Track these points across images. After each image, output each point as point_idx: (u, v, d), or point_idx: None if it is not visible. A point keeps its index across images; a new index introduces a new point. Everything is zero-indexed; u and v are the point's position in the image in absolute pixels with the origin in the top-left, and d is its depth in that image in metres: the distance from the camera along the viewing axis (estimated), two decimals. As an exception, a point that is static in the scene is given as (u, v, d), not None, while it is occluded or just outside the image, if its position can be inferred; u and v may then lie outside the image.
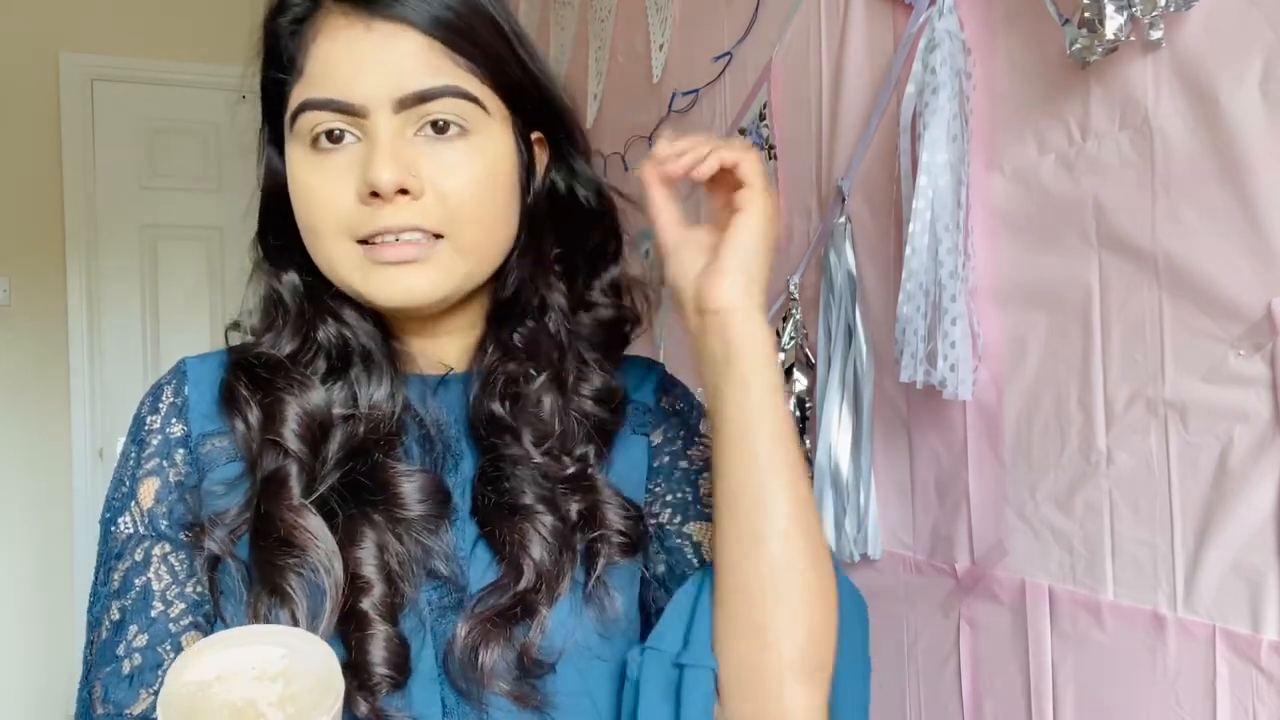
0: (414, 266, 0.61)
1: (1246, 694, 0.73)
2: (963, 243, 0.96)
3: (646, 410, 0.74)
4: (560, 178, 0.71)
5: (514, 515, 0.64)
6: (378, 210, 0.60)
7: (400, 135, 0.60)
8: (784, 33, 1.34)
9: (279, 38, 0.63)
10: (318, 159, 0.61)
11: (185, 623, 0.63)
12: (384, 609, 0.61)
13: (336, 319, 0.67)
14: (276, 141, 0.67)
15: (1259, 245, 0.71)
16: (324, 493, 0.63)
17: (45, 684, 3.20)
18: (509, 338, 0.68)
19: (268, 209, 0.69)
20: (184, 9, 3.33)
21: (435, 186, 0.61)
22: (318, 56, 0.61)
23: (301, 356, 0.67)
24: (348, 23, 0.60)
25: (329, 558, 0.60)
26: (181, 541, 0.64)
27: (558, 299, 0.70)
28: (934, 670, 1.08)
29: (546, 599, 0.62)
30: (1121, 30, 0.77)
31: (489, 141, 0.63)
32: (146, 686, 0.61)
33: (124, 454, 0.69)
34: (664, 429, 0.73)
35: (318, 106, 0.60)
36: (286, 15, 0.63)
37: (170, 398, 0.68)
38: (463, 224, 0.62)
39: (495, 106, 0.63)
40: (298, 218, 0.64)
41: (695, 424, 0.74)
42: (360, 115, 0.60)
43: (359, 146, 0.61)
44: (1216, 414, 0.75)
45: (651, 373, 0.77)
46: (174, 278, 3.39)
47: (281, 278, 0.68)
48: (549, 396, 0.67)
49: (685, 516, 0.70)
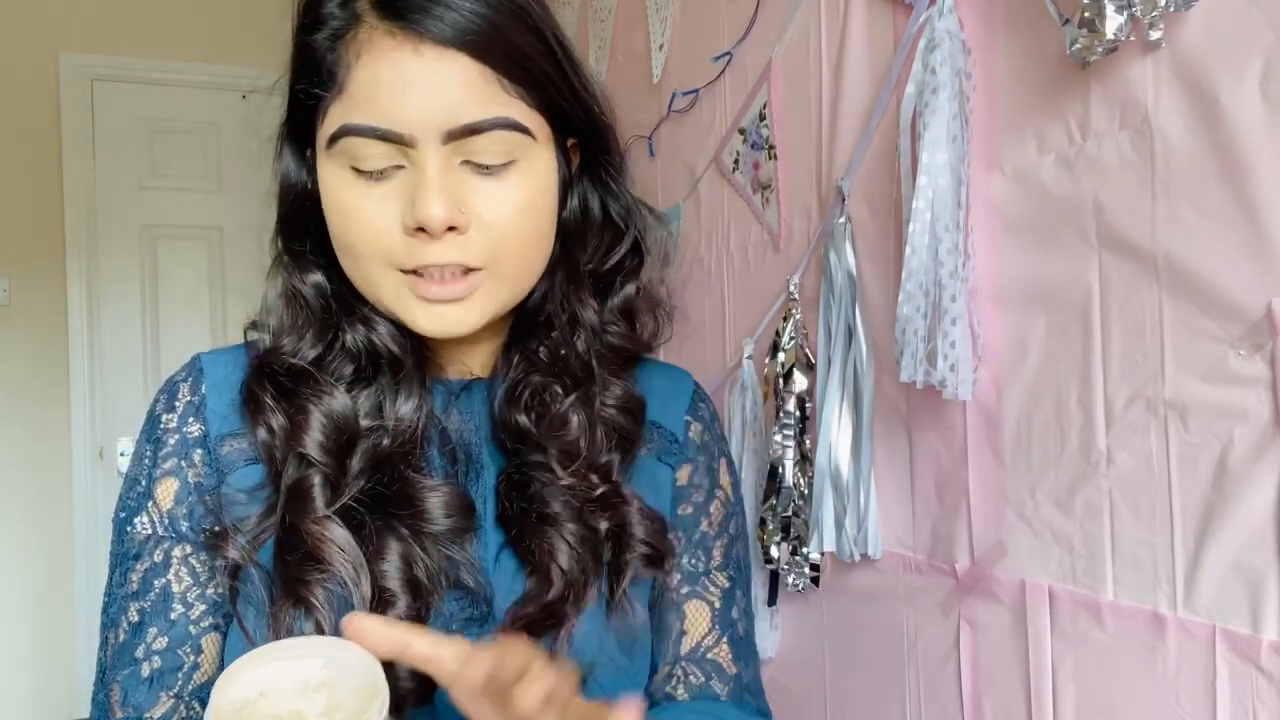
0: (458, 303, 0.61)
1: (1246, 694, 0.73)
2: (963, 243, 0.96)
3: (673, 440, 0.73)
4: (593, 193, 0.70)
5: (542, 524, 0.63)
6: (423, 245, 0.59)
7: (448, 166, 0.58)
8: (784, 33, 1.34)
9: (314, 50, 0.60)
10: (359, 183, 0.59)
11: (206, 624, 0.63)
12: (409, 621, 0.59)
13: (367, 325, 0.65)
14: (298, 145, 0.66)
15: (1259, 245, 0.71)
16: (348, 503, 0.62)
17: (45, 684, 3.20)
18: (534, 349, 0.68)
19: (288, 213, 0.67)
20: (184, 9, 3.33)
21: (481, 219, 0.60)
22: (362, 78, 0.58)
23: (326, 361, 0.65)
24: (395, 44, 0.57)
25: (356, 571, 0.59)
26: (202, 543, 0.63)
27: (590, 316, 0.69)
28: (934, 670, 1.08)
29: (574, 608, 0.62)
30: (1121, 30, 0.77)
31: (534, 167, 0.62)
32: (167, 689, 0.61)
33: (138, 452, 0.67)
34: (691, 469, 0.73)
35: (362, 133, 0.58)
36: (324, 30, 0.60)
37: (187, 395, 0.67)
38: (505, 255, 0.61)
39: (541, 129, 0.62)
40: (335, 236, 0.62)
41: (715, 469, 0.75)
42: (408, 144, 0.58)
43: (404, 174, 0.59)
44: (1216, 414, 0.75)
45: (680, 389, 0.76)
46: (174, 278, 3.39)
47: (305, 278, 0.67)
48: (576, 416, 0.66)
49: (692, 590, 0.71)
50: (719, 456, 0.76)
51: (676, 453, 0.73)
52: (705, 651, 0.71)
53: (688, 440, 0.74)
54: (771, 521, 1.29)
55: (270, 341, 0.67)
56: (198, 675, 0.62)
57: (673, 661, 0.70)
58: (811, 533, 1.20)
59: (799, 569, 1.27)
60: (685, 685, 0.70)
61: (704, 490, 0.73)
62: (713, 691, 0.70)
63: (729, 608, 0.72)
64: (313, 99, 0.61)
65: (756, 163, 1.44)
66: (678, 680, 0.70)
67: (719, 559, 0.73)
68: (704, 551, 0.72)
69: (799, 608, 1.34)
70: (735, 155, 1.50)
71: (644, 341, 0.73)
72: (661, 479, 0.72)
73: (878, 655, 1.18)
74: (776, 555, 1.29)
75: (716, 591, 0.72)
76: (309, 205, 0.65)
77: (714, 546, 0.73)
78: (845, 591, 1.24)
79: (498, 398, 0.67)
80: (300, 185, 0.66)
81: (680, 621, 0.71)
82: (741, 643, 0.73)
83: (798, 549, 1.28)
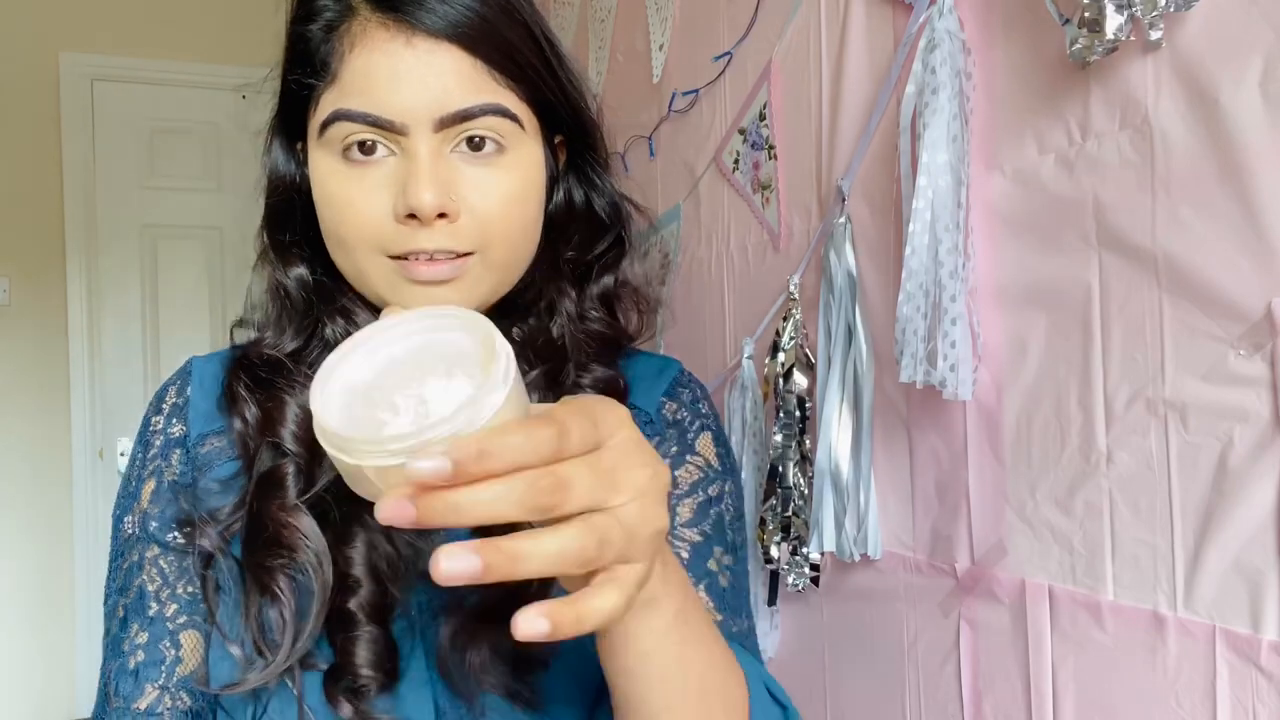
0: (446, 284, 0.62)
1: (1246, 694, 0.73)
2: (963, 243, 0.96)
3: (647, 420, 0.73)
4: (579, 187, 0.71)
5: None
6: (414, 232, 0.60)
7: (439, 154, 0.60)
8: (784, 33, 1.34)
9: (308, 41, 0.62)
10: (350, 171, 0.60)
11: (181, 621, 0.64)
12: (371, 609, 0.60)
13: (346, 317, 0.66)
14: (288, 138, 0.67)
15: (1259, 245, 0.71)
16: (319, 492, 0.62)
17: (45, 684, 3.21)
18: (509, 331, 0.68)
19: (274, 205, 0.68)
20: (184, 9, 3.33)
21: (470, 206, 0.60)
22: (355, 66, 0.59)
23: (305, 354, 0.67)
24: (389, 35, 0.59)
25: (318, 558, 0.60)
26: (168, 544, 0.65)
27: (567, 304, 0.70)
28: (934, 670, 1.08)
29: (539, 593, 0.61)
30: (1121, 30, 0.77)
31: (523, 157, 0.63)
32: (151, 681, 0.62)
33: (132, 454, 0.70)
34: (657, 441, 0.72)
35: (354, 119, 0.59)
36: (318, 21, 0.61)
37: (173, 398, 0.69)
38: (494, 241, 0.62)
39: (530, 121, 0.63)
40: (324, 225, 0.63)
41: (692, 440, 0.73)
42: (399, 133, 0.59)
43: (394, 161, 0.60)
44: (1216, 414, 0.75)
45: (664, 374, 0.76)
46: (174, 278, 3.39)
47: (289, 272, 0.68)
48: (539, 394, 0.66)
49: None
50: (700, 431, 0.73)
51: (647, 432, 0.72)
52: None
53: (659, 418, 0.73)
54: (771, 521, 1.29)
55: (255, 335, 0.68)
56: (180, 669, 0.63)
57: None
58: (811, 533, 1.20)
59: (799, 569, 1.27)
60: None
61: (669, 458, 0.71)
62: None
63: (702, 559, 0.68)
64: (305, 89, 0.62)
65: (756, 163, 1.44)
66: None
67: (687, 515, 0.69)
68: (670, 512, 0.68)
69: (799, 608, 1.34)
70: (735, 155, 1.51)
71: (625, 331, 0.73)
72: None
73: (878, 655, 1.18)
74: (776, 555, 1.29)
75: (684, 545, 0.68)
76: (296, 198, 0.66)
77: (680, 505, 0.69)
78: (845, 591, 1.24)
79: None
80: (288, 178, 0.67)
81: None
82: (726, 593, 0.69)
83: (798, 549, 1.28)
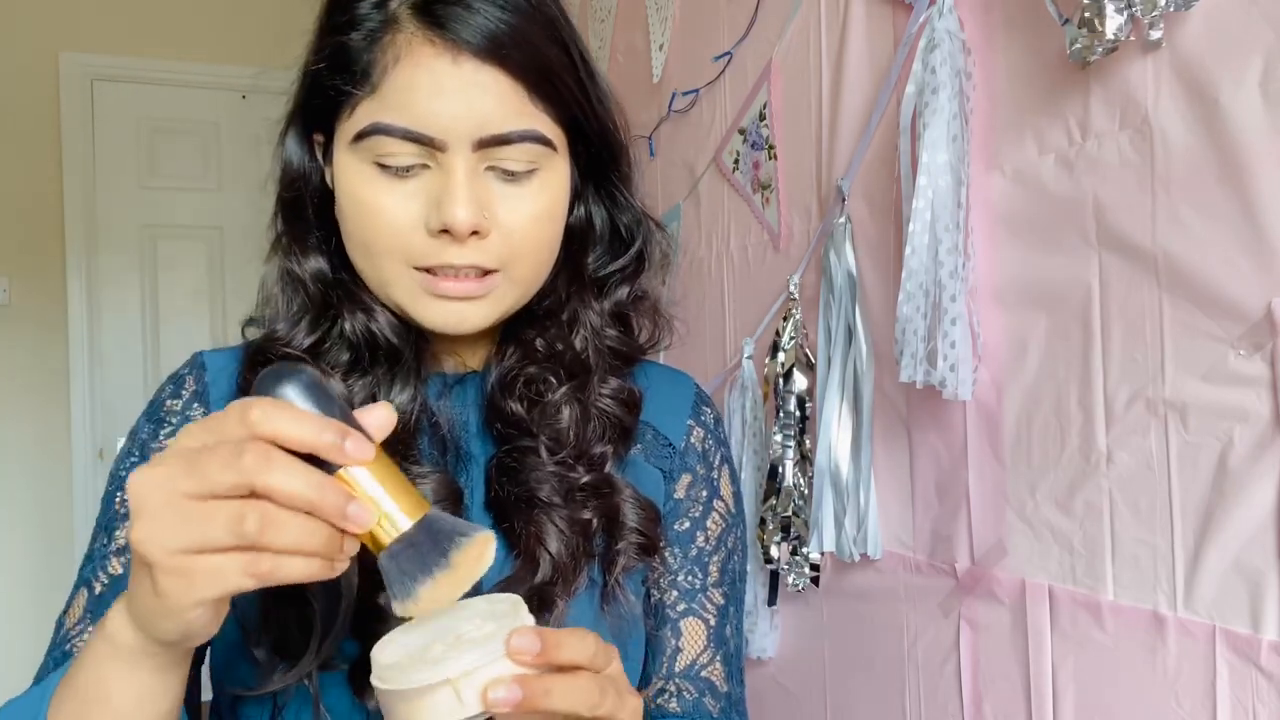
0: (472, 301, 0.62)
1: (1246, 694, 0.73)
2: (963, 243, 0.96)
3: (667, 445, 0.73)
4: (600, 203, 0.71)
5: (531, 508, 0.64)
6: (445, 246, 0.60)
7: (475, 173, 0.60)
8: (784, 33, 1.34)
9: (348, 48, 0.61)
10: (383, 179, 0.60)
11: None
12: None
13: (368, 314, 0.66)
14: (305, 134, 0.66)
15: (1259, 245, 0.71)
16: None
17: (45, 684, 3.20)
18: (531, 340, 0.68)
19: (289, 198, 0.68)
20: (184, 9, 3.33)
21: (501, 225, 0.61)
22: (398, 80, 0.59)
23: (323, 349, 0.66)
24: (434, 52, 0.58)
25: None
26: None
27: (591, 316, 0.70)
28: (934, 670, 1.08)
29: (563, 592, 0.62)
30: (1121, 30, 0.77)
31: (553, 177, 0.63)
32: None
33: (134, 433, 0.68)
34: (690, 480, 0.74)
35: (393, 133, 0.59)
36: (360, 29, 0.61)
37: (192, 385, 0.69)
38: (520, 258, 0.62)
39: (560, 141, 0.64)
40: (348, 229, 0.63)
41: (716, 481, 0.75)
42: (438, 149, 0.59)
43: (429, 175, 0.60)
44: (1216, 414, 0.75)
45: (680, 391, 0.77)
46: (174, 278, 3.39)
47: (304, 263, 0.67)
48: (569, 407, 0.67)
49: (689, 608, 0.72)
50: (720, 464, 0.76)
51: (672, 458, 0.73)
52: (700, 669, 0.71)
53: (688, 447, 0.74)
54: (771, 521, 1.29)
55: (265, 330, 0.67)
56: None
57: (666, 677, 0.71)
58: (811, 533, 1.20)
59: (799, 569, 1.27)
60: (679, 700, 0.70)
61: (701, 504, 0.73)
62: (705, 708, 0.70)
63: (724, 625, 0.73)
64: (340, 94, 0.62)
65: (756, 163, 1.44)
66: (670, 695, 0.70)
67: (715, 575, 0.73)
68: (700, 568, 0.72)
69: (799, 608, 1.34)
70: (735, 155, 1.50)
71: (639, 345, 0.74)
72: (649, 481, 0.71)
73: (878, 655, 1.18)
74: (776, 555, 1.29)
75: (713, 609, 0.72)
76: (310, 191, 0.66)
77: (710, 562, 0.73)
78: (845, 591, 1.24)
79: (491, 385, 0.68)
80: (303, 170, 0.66)
81: (676, 639, 0.71)
82: (733, 660, 0.74)
83: (798, 549, 1.28)
